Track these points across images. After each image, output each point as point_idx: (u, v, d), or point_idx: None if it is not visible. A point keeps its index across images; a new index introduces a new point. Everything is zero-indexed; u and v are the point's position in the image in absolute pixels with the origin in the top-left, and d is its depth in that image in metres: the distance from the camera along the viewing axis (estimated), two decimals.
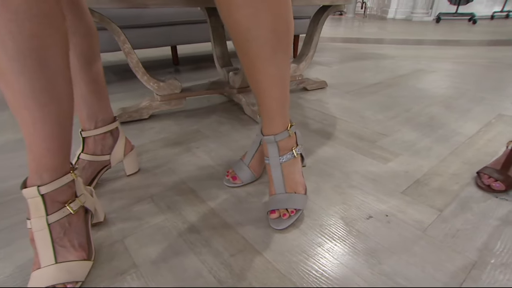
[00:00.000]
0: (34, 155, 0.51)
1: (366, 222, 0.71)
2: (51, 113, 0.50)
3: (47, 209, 0.53)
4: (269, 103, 0.68)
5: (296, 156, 0.74)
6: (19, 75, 0.45)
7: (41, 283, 0.51)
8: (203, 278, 0.56)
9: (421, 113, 1.34)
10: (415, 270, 0.58)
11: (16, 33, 0.43)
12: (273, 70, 0.63)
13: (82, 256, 0.56)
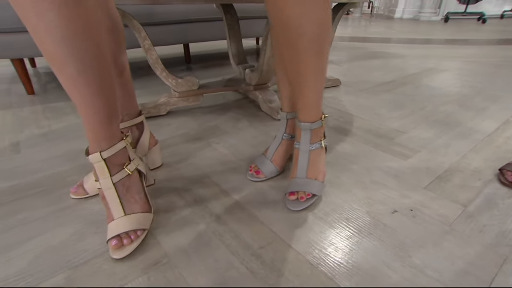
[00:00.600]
0: (91, 127, 0.58)
1: (392, 217, 0.71)
2: (97, 89, 0.55)
3: (110, 171, 0.61)
4: (309, 94, 0.70)
5: (323, 147, 0.77)
6: (67, 59, 0.49)
7: (117, 231, 0.60)
8: (235, 269, 0.57)
9: (436, 111, 1.34)
10: (444, 263, 0.58)
11: (56, 20, 0.45)
12: (317, 63, 0.65)
13: (145, 208, 0.66)
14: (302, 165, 0.76)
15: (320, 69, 0.67)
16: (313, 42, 0.62)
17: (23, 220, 0.70)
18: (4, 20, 1.28)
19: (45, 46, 0.47)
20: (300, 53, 0.63)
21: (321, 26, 0.61)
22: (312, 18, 0.59)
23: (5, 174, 0.87)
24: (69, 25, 0.46)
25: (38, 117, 1.27)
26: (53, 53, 0.48)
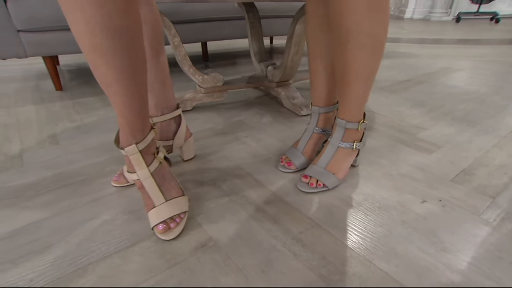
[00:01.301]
0: (127, 120, 0.59)
1: (421, 206, 0.74)
2: (134, 84, 0.56)
3: (146, 161, 0.63)
4: (353, 94, 0.73)
5: (354, 149, 0.80)
6: (113, 54, 0.50)
7: (162, 217, 0.64)
8: (278, 251, 0.60)
9: (456, 109, 1.36)
10: (478, 250, 0.61)
11: (106, 18, 0.47)
12: (369, 67, 0.69)
13: (180, 192, 0.70)
14: (326, 157, 0.80)
15: (371, 74, 0.70)
16: (370, 48, 0.65)
17: (70, 206, 0.74)
18: (38, 20, 1.33)
19: (84, 43, 0.49)
20: (355, 57, 0.67)
21: (378, 34, 0.65)
22: (372, 27, 0.63)
23: (47, 163, 0.92)
24: (109, 21, 0.47)
25: (69, 112, 1.31)
26: (100, 44, 0.49)
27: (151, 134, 0.65)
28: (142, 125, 0.62)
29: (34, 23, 1.33)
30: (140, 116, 0.61)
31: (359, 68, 0.68)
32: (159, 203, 0.65)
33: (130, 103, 0.58)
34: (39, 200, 0.76)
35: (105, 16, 0.46)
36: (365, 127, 0.81)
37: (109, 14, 0.47)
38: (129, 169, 0.65)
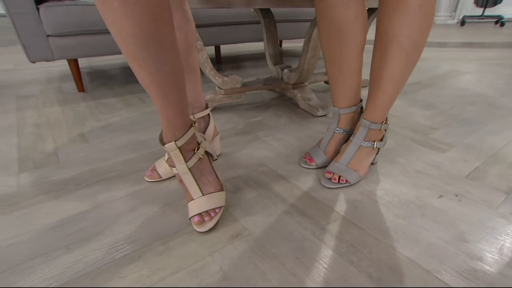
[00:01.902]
0: (168, 118, 0.63)
1: (439, 200, 0.78)
2: (173, 83, 0.60)
3: (184, 157, 0.67)
4: (382, 97, 0.79)
5: (375, 148, 0.85)
6: (147, 58, 0.54)
7: (199, 209, 0.68)
8: (309, 240, 0.65)
9: (466, 110, 1.40)
10: (495, 241, 0.65)
11: (137, 28, 0.50)
12: (402, 72, 0.74)
13: (218, 188, 0.73)
14: (348, 155, 0.85)
15: (404, 77, 0.75)
16: (407, 53, 0.71)
17: (109, 199, 0.79)
18: (65, 25, 1.39)
19: (122, 51, 0.53)
20: (395, 60, 0.72)
21: (420, 40, 0.70)
22: (411, 33, 0.68)
23: (82, 160, 0.97)
24: (141, 31, 0.50)
25: (94, 112, 1.37)
26: (134, 52, 0.52)
27: (190, 131, 0.68)
28: (181, 123, 0.66)
29: (62, 28, 1.39)
30: (179, 114, 0.65)
31: (396, 71, 0.74)
32: (197, 196, 0.70)
33: (168, 103, 0.62)
34: (80, 193, 0.81)
35: (136, 27, 0.50)
36: (387, 128, 0.85)
37: (140, 25, 0.50)
38: (170, 163, 0.69)
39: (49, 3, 1.36)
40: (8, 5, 1.27)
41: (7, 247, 0.63)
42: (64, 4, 1.37)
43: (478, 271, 0.58)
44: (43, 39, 1.39)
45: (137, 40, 0.51)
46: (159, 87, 0.59)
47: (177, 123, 0.66)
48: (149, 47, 0.53)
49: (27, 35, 1.35)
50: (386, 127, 0.84)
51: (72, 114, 1.33)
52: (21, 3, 1.28)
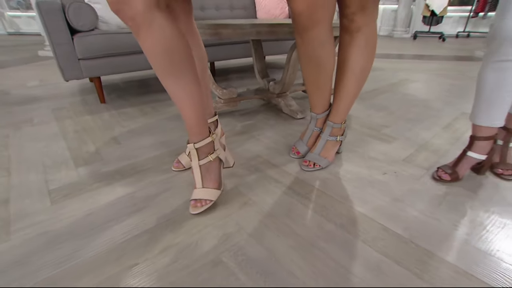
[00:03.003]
0: (188, 125, 0.81)
1: (383, 176, 1.02)
2: (188, 103, 0.78)
3: (199, 156, 0.84)
4: (341, 107, 1.03)
5: (338, 141, 1.07)
6: (176, 79, 0.73)
7: (196, 196, 0.84)
8: (294, 204, 0.87)
9: (409, 111, 1.66)
10: (418, 199, 0.89)
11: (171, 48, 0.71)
12: (355, 90, 0.99)
13: (215, 186, 0.87)
14: (319, 147, 1.07)
15: (356, 93, 0.99)
16: (357, 77, 0.95)
17: (149, 183, 0.98)
18: (92, 51, 1.56)
19: (155, 65, 0.72)
20: (347, 81, 0.96)
21: (367, 66, 0.94)
22: (364, 61, 0.92)
23: (120, 157, 1.16)
24: (172, 53, 0.70)
25: (118, 120, 1.54)
26: (161, 72, 0.72)
27: (207, 139, 0.83)
28: (198, 131, 0.82)
29: (90, 53, 1.56)
30: (196, 124, 0.81)
31: (351, 89, 0.98)
32: (198, 187, 0.85)
33: (187, 115, 0.80)
34: (125, 180, 1.00)
35: (160, 60, 0.70)
36: (345, 126, 1.08)
37: (163, 58, 0.70)
38: (189, 158, 0.88)
39: (80, 33, 1.53)
40: (51, 38, 1.43)
41: (87, 216, 0.82)
42: (92, 34, 1.55)
43: (407, 217, 0.81)
44: (76, 62, 1.55)
45: (160, 71, 0.72)
46: (180, 104, 0.78)
47: (196, 130, 0.82)
48: (171, 76, 0.73)
49: (63, 60, 1.51)
50: (345, 126, 1.07)
51: (101, 122, 1.50)
52: (61, 36, 1.45)
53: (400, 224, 0.80)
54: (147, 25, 0.66)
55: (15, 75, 2.54)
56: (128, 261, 0.68)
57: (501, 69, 0.85)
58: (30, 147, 1.23)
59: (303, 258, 0.69)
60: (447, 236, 0.76)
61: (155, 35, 0.68)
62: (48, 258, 0.68)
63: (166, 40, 0.69)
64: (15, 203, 0.87)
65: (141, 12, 0.65)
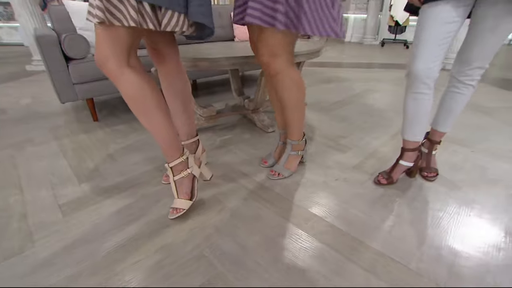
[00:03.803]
0: (162, 150, 1.00)
1: (335, 182, 1.24)
2: (162, 133, 0.96)
3: (173, 173, 1.02)
4: (291, 127, 1.22)
5: (298, 155, 1.28)
6: (146, 117, 0.92)
7: (174, 205, 1.03)
8: (261, 207, 1.08)
9: (365, 122, 1.90)
10: (361, 200, 1.12)
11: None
12: (296, 116, 1.18)
13: (187, 197, 1.04)
14: (283, 160, 1.28)
15: (299, 119, 1.19)
16: (293, 108, 1.15)
17: (143, 195, 1.16)
18: (86, 76, 1.72)
19: (129, 106, 0.91)
20: (287, 111, 1.16)
21: (298, 100, 1.14)
22: (293, 97, 1.12)
23: (116, 173, 1.33)
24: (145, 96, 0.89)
25: (112, 137, 1.70)
26: (134, 111, 0.90)
27: (178, 160, 1.01)
28: (171, 154, 1.00)
29: (83, 78, 1.71)
30: (167, 149, 0.99)
31: (292, 117, 1.18)
32: (175, 197, 1.04)
33: (159, 143, 0.98)
34: (123, 193, 1.18)
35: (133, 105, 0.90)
36: (304, 143, 1.29)
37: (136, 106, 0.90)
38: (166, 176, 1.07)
39: (74, 61, 1.68)
40: (49, 66, 1.58)
41: (94, 225, 1.00)
42: (84, 61, 1.70)
43: (349, 216, 1.04)
44: (71, 86, 1.70)
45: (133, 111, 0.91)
46: (153, 134, 0.96)
47: (168, 153, 1.01)
48: (142, 116, 0.92)
49: (60, 85, 1.66)
50: (303, 142, 1.28)
51: (96, 140, 1.66)
52: (57, 64, 1.60)
53: (343, 221, 1.02)
54: (119, 78, 0.85)
55: (7, 92, 2.63)
56: (131, 259, 0.87)
57: (417, 99, 1.09)
58: (36, 166, 1.38)
59: (266, 250, 0.90)
60: (376, 228, 0.99)
61: (126, 86, 0.86)
62: (68, 260, 0.86)
63: (134, 90, 0.88)
64: (32, 217, 1.04)
65: (114, 70, 0.84)
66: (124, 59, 0.84)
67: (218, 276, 0.81)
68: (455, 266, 0.85)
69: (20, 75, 3.32)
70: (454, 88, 1.17)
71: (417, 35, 1.03)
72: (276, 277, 0.81)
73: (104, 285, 0.79)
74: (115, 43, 0.82)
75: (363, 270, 0.83)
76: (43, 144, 1.60)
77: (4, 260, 0.85)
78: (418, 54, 1.02)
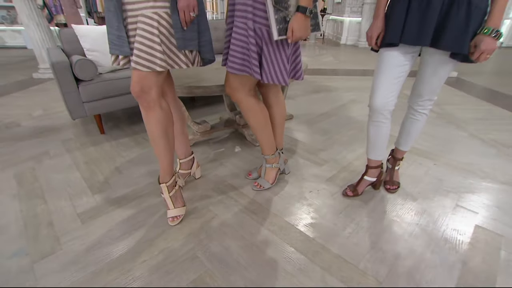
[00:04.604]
0: (164, 170, 1.25)
1: (309, 194, 1.48)
2: (170, 153, 1.23)
3: (169, 191, 1.27)
4: (261, 144, 1.46)
5: (274, 168, 1.52)
6: (164, 141, 1.18)
7: (171, 214, 1.28)
8: (245, 216, 1.32)
9: (345, 135, 2.14)
10: (328, 205, 1.36)
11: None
12: (261, 137, 1.42)
13: (182, 205, 1.32)
14: (263, 173, 1.52)
15: (266, 136, 1.42)
16: (257, 129, 1.38)
17: (148, 205, 1.40)
18: (94, 95, 1.95)
19: (152, 132, 1.17)
20: (254, 131, 1.40)
21: (258, 123, 1.37)
22: (252, 121, 1.35)
23: (123, 185, 1.57)
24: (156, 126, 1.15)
25: (117, 150, 1.94)
26: (156, 136, 1.16)
27: (172, 178, 1.27)
28: (168, 174, 1.26)
29: (92, 97, 1.95)
30: (167, 170, 1.25)
31: (260, 137, 1.42)
32: (171, 208, 1.28)
33: (164, 163, 1.23)
34: (131, 204, 1.42)
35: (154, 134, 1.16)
36: (278, 155, 1.52)
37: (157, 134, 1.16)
38: (161, 192, 1.31)
39: (84, 82, 1.91)
40: (62, 87, 1.82)
41: (108, 231, 1.24)
42: (93, 82, 1.93)
43: (317, 224, 1.28)
44: (81, 105, 1.94)
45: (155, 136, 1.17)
46: (160, 157, 1.22)
47: (166, 173, 1.26)
48: (161, 139, 1.18)
49: (71, 103, 1.89)
50: (274, 156, 1.49)
51: (104, 153, 1.90)
52: (69, 86, 1.84)
53: (311, 228, 1.26)
54: (156, 107, 1.11)
55: (19, 103, 2.86)
56: (139, 259, 1.11)
57: (377, 126, 1.33)
58: (54, 178, 1.62)
59: (246, 252, 1.14)
60: (337, 235, 1.23)
61: (158, 112, 1.12)
62: (90, 259, 1.10)
63: (164, 116, 1.15)
64: (57, 224, 1.28)
65: (155, 99, 1.09)
66: (160, 92, 1.12)
67: (207, 272, 1.06)
68: (394, 266, 1.09)
69: (28, 83, 3.55)
70: (411, 115, 1.41)
71: (375, 75, 1.27)
72: (252, 273, 1.06)
73: (120, 279, 1.03)
74: (159, 79, 1.10)
75: (321, 269, 1.08)
76: (58, 157, 1.84)
77: (41, 259, 1.10)
78: (377, 90, 1.26)
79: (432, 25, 1.08)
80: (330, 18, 8.20)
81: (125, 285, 1.01)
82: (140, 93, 1.07)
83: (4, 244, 1.17)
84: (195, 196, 1.48)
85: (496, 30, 1.00)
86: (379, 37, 1.21)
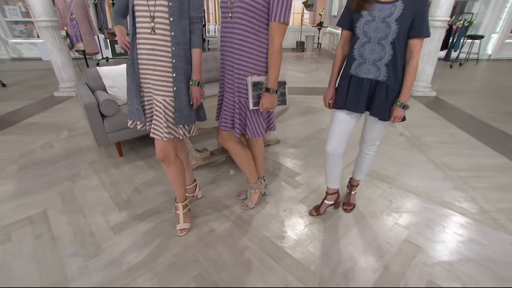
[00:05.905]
0: (179, 195, 1.77)
1: (283, 212, 1.97)
2: (183, 186, 1.76)
3: (183, 208, 1.79)
4: (245, 175, 1.95)
5: (256, 192, 2.02)
6: (181, 181, 1.71)
7: (181, 227, 1.78)
8: (235, 228, 1.82)
9: (321, 159, 2.61)
10: (299, 224, 1.85)
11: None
12: (245, 169, 1.91)
13: (189, 221, 1.83)
14: (248, 195, 2.02)
15: (248, 171, 1.90)
16: (241, 166, 1.88)
17: (164, 218, 1.90)
18: (115, 126, 2.46)
19: (172, 179, 1.69)
20: (240, 167, 1.89)
21: (241, 163, 1.87)
22: (237, 161, 1.85)
23: (142, 203, 2.06)
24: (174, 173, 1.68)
25: (134, 172, 2.44)
26: (175, 180, 1.70)
27: (186, 200, 1.81)
28: (183, 198, 1.79)
29: (114, 128, 2.46)
30: (181, 194, 1.78)
31: (242, 170, 1.91)
32: (182, 222, 1.78)
33: (180, 192, 1.76)
34: (149, 219, 1.91)
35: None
36: (260, 183, 2.01)
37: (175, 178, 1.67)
38: (175, 209, 1.82)
39: (108, 117, 2.42)
40: (91, 123, 2.33)
41: (134, 240, 1.74)
42: (115, 117, 2.44)
43: (286, 236, 1.77)
44: (105, 135, 2.44)
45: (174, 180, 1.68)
46: (176, 189, 1.74)
47: (182, 196, 1.78)
48: (177, 183, 1.69)
49: (98, 134, 2.40)
50: (257, 183, 1.99)
51: (124, 175, 2.40)
52: (96, 121, 2.36)
53: (280, 239, 1.75)
54: (173, 163, 1.63)
55: (46, 124, 3.37)
56: (158, 260, 1.61)
57: (331, 163, 1.82)
58: (88, 197, 2.12)
59: (233, 256, 1.64)
60: (299, 244, 1.72)
61: (176, 166, 1.64)
62: (123, 260, 1.60)
63: (179, 168, 1.67)
64: (97, 234, 1.78)
65: (173, 158, 1.60)
66: (175, 152, 1.63)
67: (204, 270, 1.56)
68: (335, 268, 1.59)
69: (51, 102, 4.07)
70: (361, 154, 1.90)
71: (329, 128, 1.76)
72: (236, 271, 1.55)
73: (146, 275, 1.53)
74: (174, 145, 1.60)
75: (283, 269, 1.57)
76: (88, 178, 2.34)
77: (89, 260, 1.60)
78: (329, 140, 1.75)
79: (364, 99, 1.57)
80: (327, 30, 8.67)
81: (150, 279, 1.51)
82: (163, 157, 1.59)
83: (64, 247, 1.68)
84: (196, 212, 1.97)
85: (404, 104, 1.49)
86: (331, 101, 1.70)
